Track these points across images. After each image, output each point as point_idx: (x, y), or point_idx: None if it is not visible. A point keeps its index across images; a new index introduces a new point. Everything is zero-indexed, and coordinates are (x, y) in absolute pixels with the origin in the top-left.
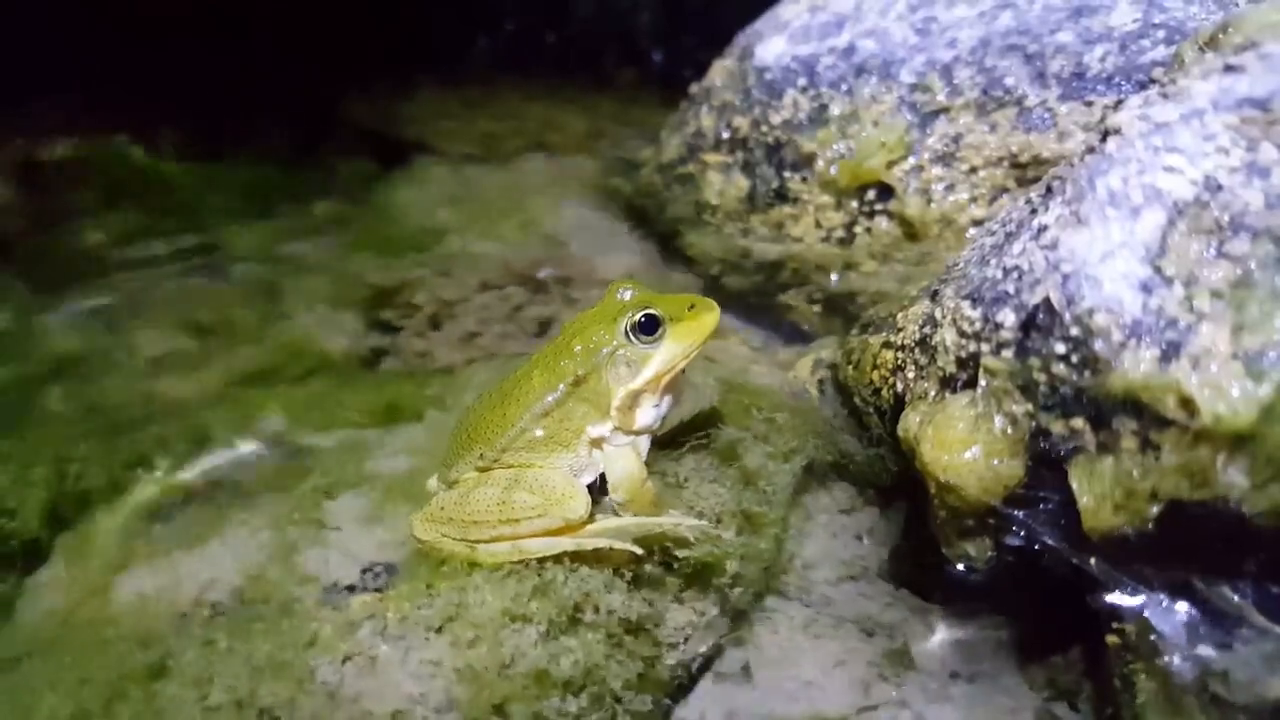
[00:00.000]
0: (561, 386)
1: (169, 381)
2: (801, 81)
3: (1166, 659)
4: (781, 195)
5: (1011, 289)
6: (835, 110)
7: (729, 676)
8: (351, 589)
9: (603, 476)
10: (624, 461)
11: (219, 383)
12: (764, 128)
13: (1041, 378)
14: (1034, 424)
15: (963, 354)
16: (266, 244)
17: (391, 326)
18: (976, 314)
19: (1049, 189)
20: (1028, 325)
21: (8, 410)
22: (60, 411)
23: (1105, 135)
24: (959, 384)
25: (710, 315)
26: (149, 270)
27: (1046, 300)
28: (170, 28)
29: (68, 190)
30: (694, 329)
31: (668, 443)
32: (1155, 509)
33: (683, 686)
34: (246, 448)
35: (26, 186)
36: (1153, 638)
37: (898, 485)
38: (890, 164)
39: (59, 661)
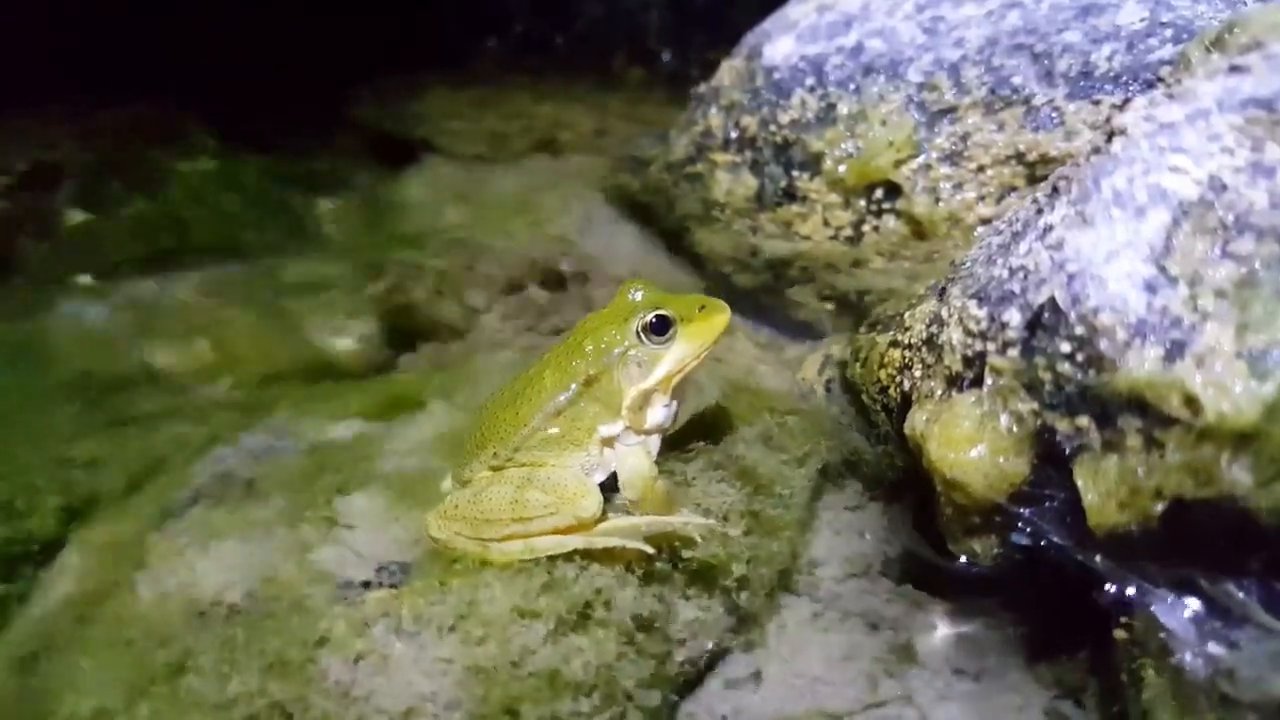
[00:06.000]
0: (573, 386)
1: (180, 382)
2: (809, 81)
3: (1173, 656)
4: (790, 194)
5: (1017, 288)
6: (843, 110)
7: (736, 672)
8: (367, 585)
9: (614, 475)
10: (635, 461)
11: (232, 382)
12: (772, 127)
13: (1047, 376)
14: (1039, 422)
15: (969, 353)
16: (276, 243)
17: (400, 326)
18: (983, 313)
19: (1055, 189)
20: (1033, 324)
21: (22, 413)
22: (74, 413)
23: (1110, 136)
24: (965, 382)
25: (721, 316)
26: (159, 270)
27: (1052, 300)
28: (175, 28)
29: (73, 192)
30: (705, 330)
31: (677, 442)
32: (1160, 507)
33: (690, 683)
34: (260, 446)
35: (33, 188)
36: (1159, 635)
37: (904, 482)
38: (898, 163)
39: (77, 660)
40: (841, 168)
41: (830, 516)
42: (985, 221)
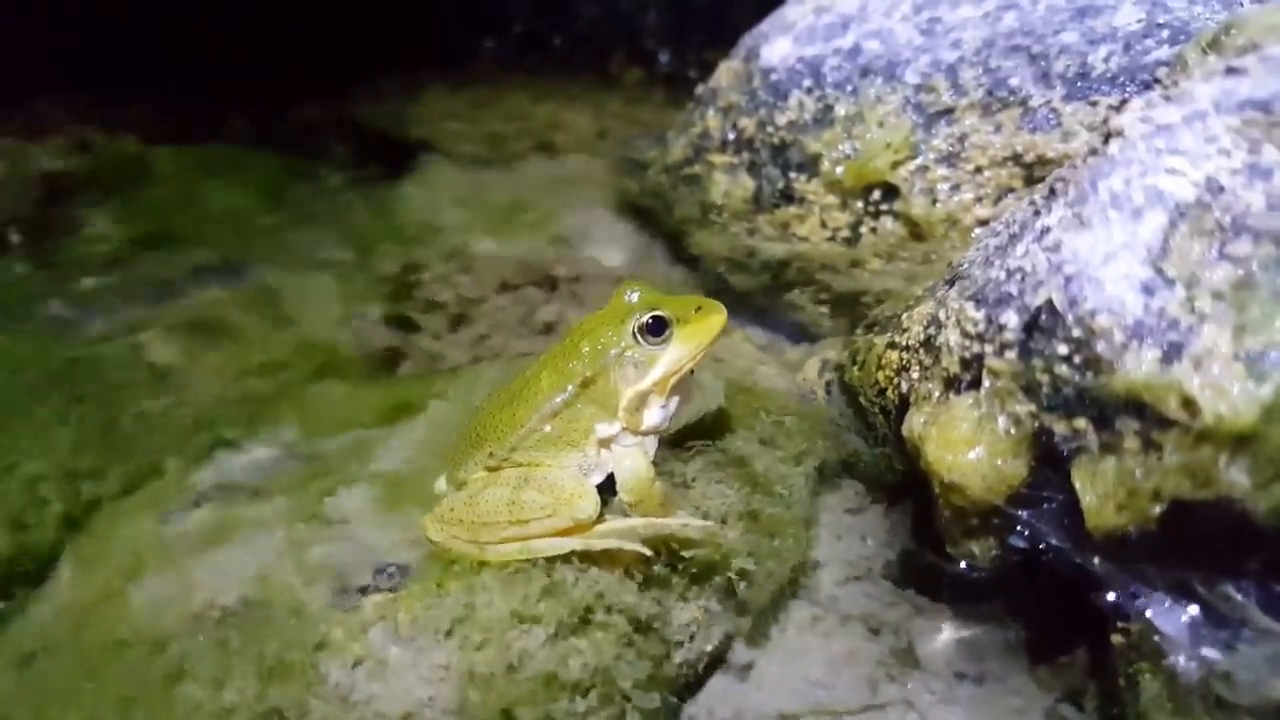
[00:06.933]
0: (570, 387)
1: (179, 384)
2: (807, 83)
3: (1170, 659)
4: (787, 196)
5: (1015, 290)
6: (840, 111)
7: (736, 675)
8: (364, 590)
9: (611, 477)
10: (632, 462)
11: (229, 385)
12: (770, 129)
13: (1044, 378)
14: (1037, 424)
15: (967, 355)
16: (274, 246)
17: (399, 327)
18: (980, 315)
19: (1052, 191)
20: (1031, 326)
21: (17, 415)
22: (70, 416)
23: (1107, 137)
24: (963, 385)
25: (717, 317)
26: (158, 272)
27: (1049, 302)
28: (175, 28)
29: (73, 192)
30: (701, 330)
31: (675, 443)
32: (1158, 509)
33: (690, 685)
34: (258, 450)
35: (32, 188)
36: (1156, 638)
37: (903, 485)
38: (895, 164)
39: (74, 667)
40: (839, 169)
41: (829, 519)
42: (983, 223)
